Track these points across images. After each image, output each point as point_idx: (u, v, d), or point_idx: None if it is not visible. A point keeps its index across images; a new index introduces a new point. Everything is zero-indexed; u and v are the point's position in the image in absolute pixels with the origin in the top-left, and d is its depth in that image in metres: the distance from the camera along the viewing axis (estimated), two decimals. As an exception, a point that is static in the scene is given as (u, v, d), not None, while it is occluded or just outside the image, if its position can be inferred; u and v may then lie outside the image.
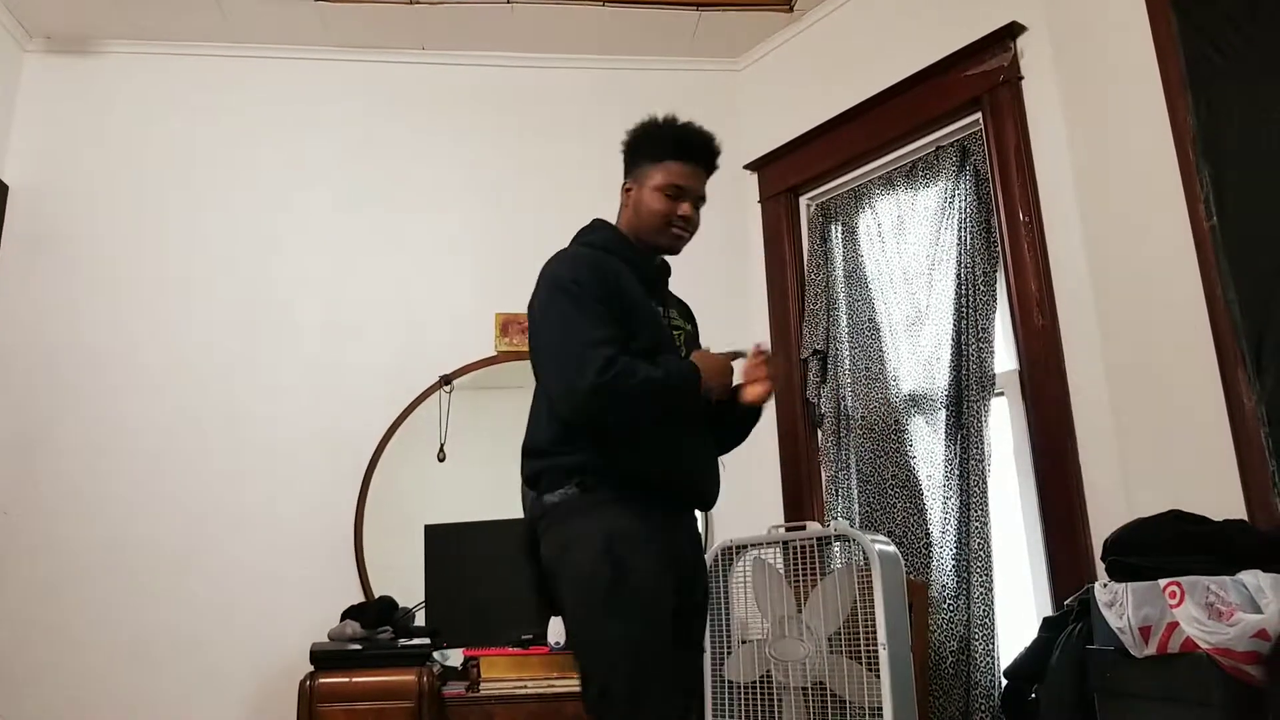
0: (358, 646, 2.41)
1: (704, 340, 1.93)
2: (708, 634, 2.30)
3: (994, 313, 2.61)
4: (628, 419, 1.68)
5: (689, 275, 3.24)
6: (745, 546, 2.30)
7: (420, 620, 2.72)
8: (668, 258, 1.94)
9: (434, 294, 3.16)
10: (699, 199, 1.87)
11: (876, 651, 2.00)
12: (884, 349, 2.87)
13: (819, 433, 3.04)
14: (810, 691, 2.09)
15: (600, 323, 1.67)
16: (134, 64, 3.20)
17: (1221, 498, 1.88)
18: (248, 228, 3.11)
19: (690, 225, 1.86)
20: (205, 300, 3.03)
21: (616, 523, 1.66)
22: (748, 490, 3.13)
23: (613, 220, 1.92)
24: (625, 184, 1.91)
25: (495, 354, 3.13)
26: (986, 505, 2.48)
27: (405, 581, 2.77)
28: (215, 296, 3.04)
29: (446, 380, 3.06)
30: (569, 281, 1.72)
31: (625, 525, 1.66)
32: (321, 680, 2.33)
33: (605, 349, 1.63)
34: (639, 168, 1.88)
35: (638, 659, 1.60)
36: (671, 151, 1.84)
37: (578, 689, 1.70)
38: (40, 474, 2.83)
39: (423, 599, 2.75)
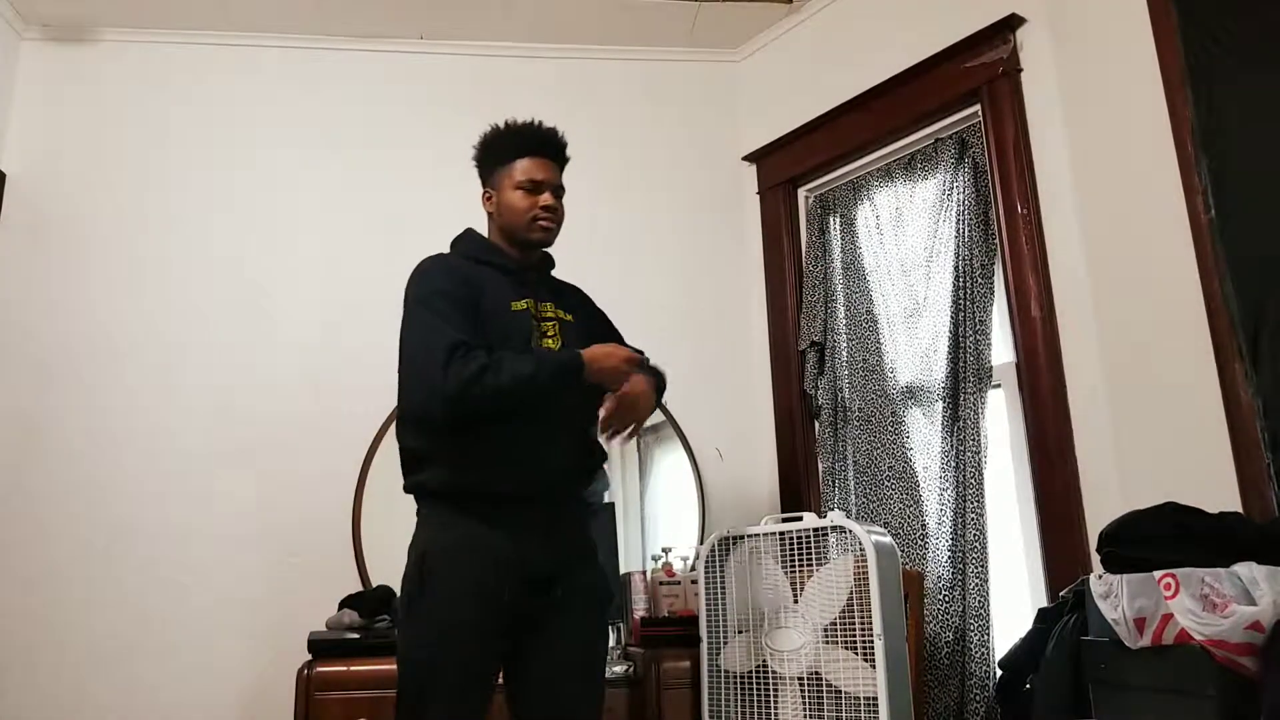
0: (355, 635, 2.41)
1: (695, 329, 1.91)
2: (703, 626, 2.32)
3: (991, 305, 2.61)
4: (495, 410, 1.72)
5: (688, 267, 3.29)
6: (741, 537, 2.31)
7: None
8: (549, 250, 2.02)
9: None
10: (558, 189, 1.94)
11: (872, 642, 2.01)
12: (881, 341, 2.88)
13: (816, 424, 3.04)
14: (806, 681, 2.10)
15: (461, 326, 1.74)
16: (131, 52, 3.19)
17: (1217, 490, 1.89)
18: (245, 214, 3.10)
19: (555, 214, 1.94)
20: (203, 287, 3.02)
21: (434, 537, 1.77)
22: (744, 481, 3.15)
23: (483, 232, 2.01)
24: (485, 194, 1.99)
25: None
26: (983, 497, 2.49)
27: (403, 571, 2.76)
28: (213, 283, 3.03)
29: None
30: (428, 293, 1.79)
31: (441, 540, 1.75)
32: (319, 669, 2.32)
33: (466, 349, 1.69)
34: (493, 174, 1.96)
35: (419, 677, 1.69)
36: (518, 150, 1.92)
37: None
38: (37, 460, 2.83)
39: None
